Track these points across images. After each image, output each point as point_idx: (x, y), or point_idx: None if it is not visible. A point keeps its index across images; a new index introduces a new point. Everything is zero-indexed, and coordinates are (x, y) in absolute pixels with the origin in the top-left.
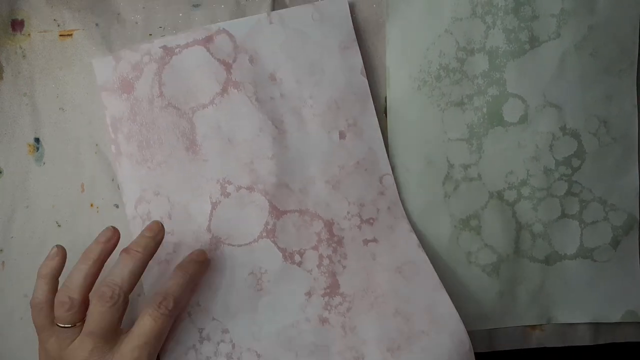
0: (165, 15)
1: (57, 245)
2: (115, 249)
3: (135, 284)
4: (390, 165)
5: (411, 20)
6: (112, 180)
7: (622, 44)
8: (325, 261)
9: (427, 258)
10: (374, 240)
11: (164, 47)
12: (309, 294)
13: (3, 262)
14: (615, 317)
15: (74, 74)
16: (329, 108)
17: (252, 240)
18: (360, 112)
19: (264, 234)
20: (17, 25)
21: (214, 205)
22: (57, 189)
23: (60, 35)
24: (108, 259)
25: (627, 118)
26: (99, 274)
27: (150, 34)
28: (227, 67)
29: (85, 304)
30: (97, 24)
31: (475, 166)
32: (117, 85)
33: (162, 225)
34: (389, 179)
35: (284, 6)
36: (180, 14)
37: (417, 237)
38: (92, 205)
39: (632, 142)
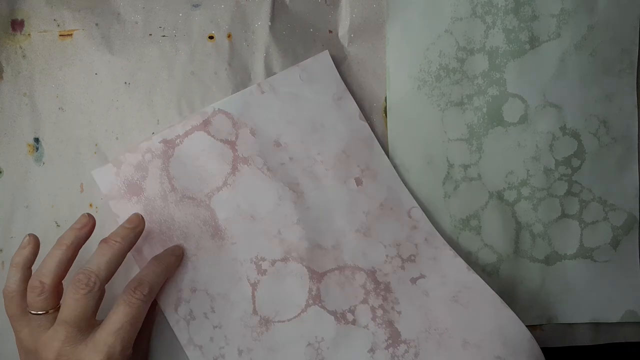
0: (166, 15)
1: (29, 234)
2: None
3: (112, 274)
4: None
5: (411, 20)
6: None
7: (622, 44)
8: (379, 312)
9: (480, 278)
10: (421, 276)
11: (164, 141)
12: (372, 350)
13: (3, 262)
14: (615, 317)
15: (74, 74)
16: (339, 159)
17: (300, 311)
18: (369, 155)
19: (311, 302)
20: (17, 25)
21: (254, 286)
22: (57, 189)
23: (60, 35)
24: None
25: (627, 118)
26: (73, 261)
27: (150, 34)
28: (231, 145)
29: (57, 290)
30: (97, 24)
31: (475, 166)
32: (124, 191)
33: (143, 217)
34: (417, 212)
35: (284, 6)
36: (180, 14)
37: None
38: (91, 205)
39: (632, 142)
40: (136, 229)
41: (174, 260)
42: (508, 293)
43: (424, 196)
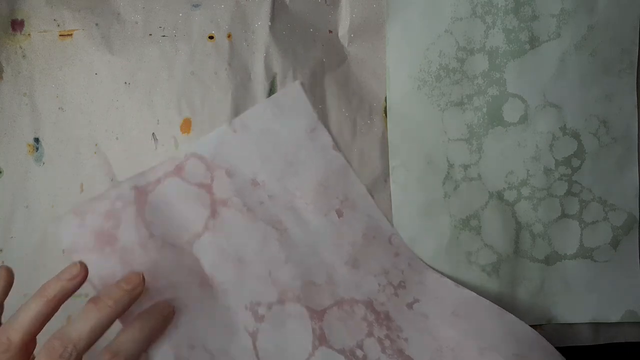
0: (166, 15)
1: (2, 267)
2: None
3: (95, 342)
4: (391, 165)
5: (411, 20)
6: (111, 180)
7: (622, 44)
8: (387, 342)
9: (472, 292)
10: (415, 300)
11: (135, 188)
12: None
13: (3, 262)
14: (615, 317)
15: (74, 74)
16: (318, 192)
17: (308, 355)
18: (346, 186)
19: (317, 343)
20: (17, 25)
21: (254, 336)
22: (57, 189)
23: (60, 35)
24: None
25: (627, 118)
26: (52, 316)
27: (150, 34)
28: (208, 188)
29: (27, 348)
30: (97, 24)
31: (475, 166)
32: (93, 243)
33: (143, 278)
34: (397, 238)
35: (284, 6)
36: (180, 14)
37: (413, 243)
38: None
39: (632, 142)
40: (133, 292)
41: (162, 322)
42: (508, 293)
43: (424, 196)
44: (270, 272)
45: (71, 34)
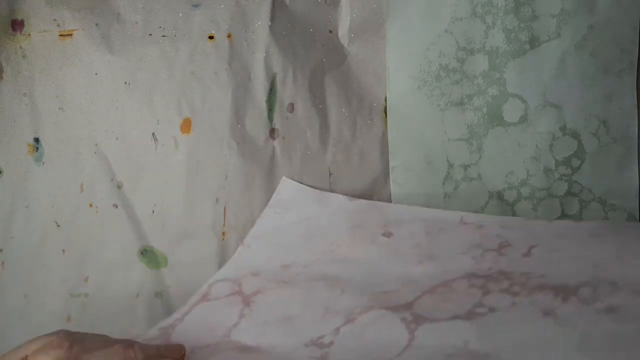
0: (166, 15)
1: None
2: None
3: None
4: (391, 165)
5: (411, 20)
6: (111, 180)
7: (622, 44)
8: (516, 288)
9: (596, 222)
10: (533, 246)
11: (162, 329)
12: (547, 313)
13: (3, 262)
14: None
15: (74, 74)
16: (353, 233)
17: (406, 341)
18: (380, 214)
19: (413, 327)
20: (17, 25)
21: (325, 357)
22: (57, 189)
23: (60, 35)
24: None
25: (627, 118)
26: None
27: (150, 34)
28: (238, 292)
29: None
30: (97, 24)
31: (475, 166)
32: None
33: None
34: (470, 216)
35: (284, 6)
36: (180, 14)
37: None
38: (91, 205)
39: (632, 142)
40: None
41: None
42: None
43: (424, 196)
44: (327, 308)
45: (71, 34)
